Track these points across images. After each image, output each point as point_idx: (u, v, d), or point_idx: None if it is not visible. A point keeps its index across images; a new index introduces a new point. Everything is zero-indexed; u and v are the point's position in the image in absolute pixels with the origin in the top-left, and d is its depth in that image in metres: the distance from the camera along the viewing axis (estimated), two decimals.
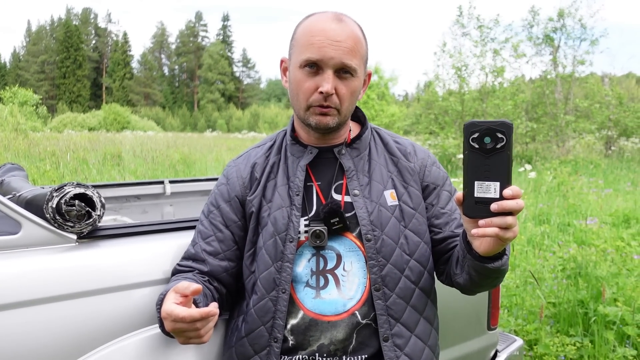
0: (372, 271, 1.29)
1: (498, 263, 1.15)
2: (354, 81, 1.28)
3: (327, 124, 1.29)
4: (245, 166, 1.43)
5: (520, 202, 1.01)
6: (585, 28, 16.43)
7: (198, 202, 3.13)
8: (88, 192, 1.32)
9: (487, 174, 1.02)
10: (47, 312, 1.22)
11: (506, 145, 1.01)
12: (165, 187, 2.94)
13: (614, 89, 17.33)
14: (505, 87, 16.26)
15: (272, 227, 1.32)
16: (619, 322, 3.23)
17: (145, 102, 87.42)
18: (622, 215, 6.45)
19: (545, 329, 3.44)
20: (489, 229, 1.02)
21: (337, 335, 1.29)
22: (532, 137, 16.63)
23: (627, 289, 3.63)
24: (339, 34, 1.24)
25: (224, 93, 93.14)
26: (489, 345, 1.98)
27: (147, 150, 13.09)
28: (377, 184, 1.35)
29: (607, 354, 3.06)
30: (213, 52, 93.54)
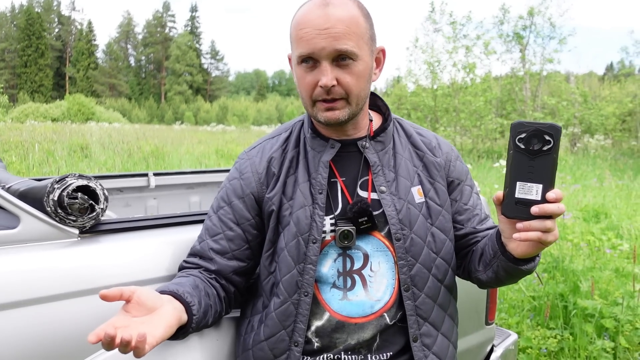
0: (402, 271, 1.25)
1: (531, 265, 1.14)
2: (357, 65, 1.18)
3: (337, 119, 1.20)
4: (260, 160, 1.32)
5: (561, 206, 1.00)
6: (554, 27, 16.79)
7: (183, 195, 3.05)
8: (91, 184, 1.25)
9: (531, 175, 1.01)
10: (48, 312, 1.15)
11: (553, 148, 0.99)
12: (149, 179, 2.85)
13: (580, 87, 17.77)
14: (476, 83, 16.49)
15: (294, 227, 1.25)
16: (597, 315, 3.30)
17: (111, 93, 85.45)
18: (592, 211, 6.61)
19: (527, 323, 3.50)
20: (531, 233, 1.00)
21: (364, 336, 1.25)
22: (501, 132, 16.93)
23: (602, 283, 3.71)
24: (325, 21, 1.14)
25: (191, 85, 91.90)
26: (486, 340, 1.98)
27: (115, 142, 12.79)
28: (404, 179, 1.29)
29: (587, 347, 3.12)
30: (181, 43, 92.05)
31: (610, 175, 10.15)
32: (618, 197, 7.71)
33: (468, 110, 15.73)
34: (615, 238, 5.35)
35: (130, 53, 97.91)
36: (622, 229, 5.70)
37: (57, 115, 39.12)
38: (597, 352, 3.06)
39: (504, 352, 2.03)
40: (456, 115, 16.13)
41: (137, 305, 0.98)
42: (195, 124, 58.07)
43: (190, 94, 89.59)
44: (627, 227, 5.71)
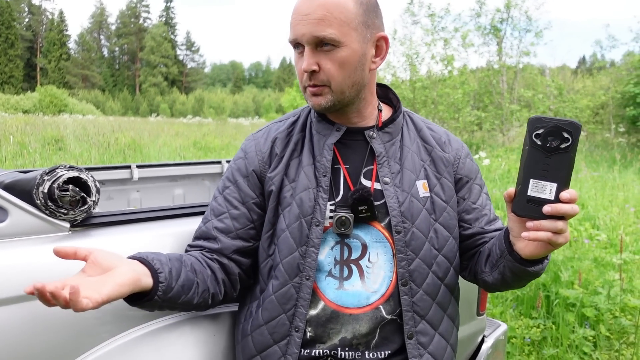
0: (400, 265, 1.22)
1: (539, 267, 1.11)
2: (339, 52, 1.15)
3: (319, 104, 1.20)
4: (265, 140, 1.32)
5: (575, 207, 0.96)
6: (530, 20, 16.98)
7: (166, 187, 3.00)
8: (82, 176, 1.20)
9: (546, 173, 0.97)
10: (39, 309, 1.11)
11: (571, 147, 0.96)
12: (132, 172, 2.79)
13: (555, 80, 18.04)
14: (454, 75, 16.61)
15: (297, 209, 1.23)
16: (578, 305, 3.35)
17: (84, 85, 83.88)
18: None
19: (510, 312, 3.54)
20: (541, 233, 0.98)
21: (360, 330, 1.23)
22: (478, 125, 17.10)
23: (581, 272, 3.77)
24: (307, 7, 1.15)
25: (167, 77, 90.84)
26: (477, 331, 1.99)
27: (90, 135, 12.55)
28: (409, 172, 1.27)
29: (569, 335, 3.17)
30: (155, 34, 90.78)
31: (585, 167, 10.35)
32: (594, 189, 7.84)
33: (446, 102, 15.85)
34: (592, 229, 5.45)
35: (103, 44, 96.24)
36: (599, 219, 5.81)
37: (28, 107, 38.28)
38: (578, 340, 3.11)
39: (495, 343, 2.04)
40: (434, 107, 16.24)
41: (92, 265, 0.98)
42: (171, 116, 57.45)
43: (165, 85, 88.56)
44: (603, 218, 5.82)
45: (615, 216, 5.86)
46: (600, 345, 3.16)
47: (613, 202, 6.86)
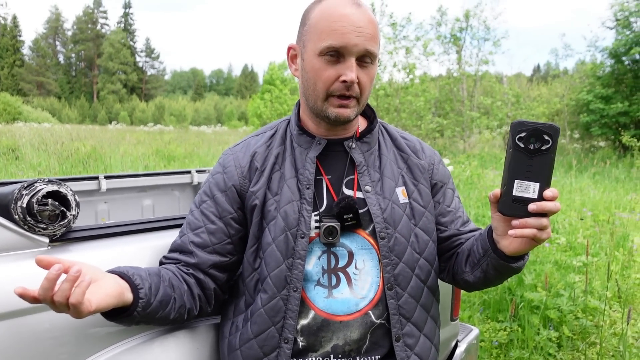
0: (386, 270, 1.26)
1: (521, 262, 1.16)
2: (373, 68, 1.23)
3: (347, 116, 1.23)
4: (244, 155, 1.33)
5: (557, 204, 1.02)
6: (489, 29, 17.46)
7: (135, 199, 2.95)
8: (62, 190, 1.18)
9: (529, 174, 1.02)
10: (17, 327, 1.08)
11: (551, 148, 1.01)
12: (100, 183, 2.73)
13: (512, 87, 18.56)
14: (416, 83, 16.89)
15: (282, 221, 1.24)
16: (542, 307, 3.45)
17: (39, 92, 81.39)
18: None
19: (477, 316, 3.61)
20: (527, 230, 1.03)
21: (351, 336, 1.25)
22: (439, 132, 17.43)
23: (544, 275, 3.89)
24: (361, 19, 1.18)
25: (126, 84, 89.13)
26: (451, 336, 2.03)
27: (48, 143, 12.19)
28: (389, 180, 1.31)
29: (534, 337, 3.25)
30: (114, 40, 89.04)
31: None
32: None
33: (408, 110, 16.09)
34: (552, 232, 5.62)
35: (59, 50, 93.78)
36: (558, 223, 5.99)
37: None
38: (543, 342, 3.20)
39: (468, 347, 2.08)
40: (397, 115, 16.47)
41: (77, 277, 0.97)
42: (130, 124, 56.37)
43: (124, 93, 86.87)
44: (562, 222, 6.01)
45: (574, 220, 6.06)
46: (564, 345, 3.26)
47: (571, 206, 7.10)
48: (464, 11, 17.69)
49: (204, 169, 3.19)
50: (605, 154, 15.33)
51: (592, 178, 10.48)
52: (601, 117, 16.57)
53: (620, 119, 16.08)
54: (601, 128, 16.78)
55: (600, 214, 6.45)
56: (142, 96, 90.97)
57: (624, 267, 4.47)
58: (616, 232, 5.31)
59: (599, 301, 3.55)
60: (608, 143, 17.74)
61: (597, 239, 5.21)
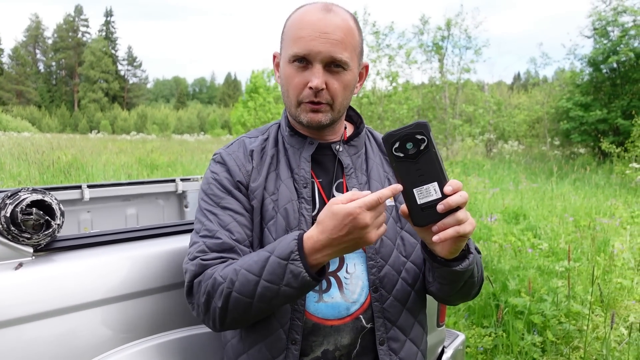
0: (371, 272, 1.25)
1: (465, 263, 1.14)
2: (346, 75, 1.21)
3: (319, 121, 1.23)
4: (243, 153, 1.32)
5: (464, 194, 1.01)
6: (470, 38, 17.68)
7: (119, 207, 2.92)
8: (46, 199, 1.17)
9: (422, 177, 1.00)
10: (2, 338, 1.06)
11: (429, 144, 0.99)
12: (83, 192, 2.70)
13: (494, 95, 18.80)
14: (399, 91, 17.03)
15: (283, 220, 1.22)
16: (527, 312, 3.48)
17: (18, 101, 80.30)
18: (512, 213, 6.98)
19: (462, 322, 3.63)
20: (448, 231, 1.01)
21: (341, 341, 1.24)
22: None
23: (527, 281, 3.92)
24: (327, 25, 1.17)
25: (107, 92, 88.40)
26: (438, 342, 2.03)
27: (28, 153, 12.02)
28: (376, 182, 1.32)
29: (518, 342, 3.28)
30: (95, 48, 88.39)
31: (525, 178, 10.78)
32: (533, 199, 8.19)
33: (392, 117, 16.19)
34: (534, 238, 5.68)
35: (39, 58, 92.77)
36: (540, 229, 6.06)
37: None
38: (527, 347, 3.22)
39: (454, 353, 2.09)
40: (381, 122, 16.57)
41: None
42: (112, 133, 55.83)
43: (106, 101, 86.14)
44: (544, 228, 6.08)
45: (556, 226, 6.13)
46: (548, 350, 3.28)
47: (552, 212, 7.18)
48: (446, 20, 17.90)
49: (189, 177, 3.17)
50: (585, 161, 15.56)
51: (573, 184, 10.63)
52: (581, 124, 16.83)
53: (599, 126, 16.35)
54: (581, 135, 17.04)
55: (581, 220, 6.54)
56: (124, 105, 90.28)
57: (605, 272, 4.53)
58: (597, 237, 5.39)
59: (582, 306, 3.59)
60: (588, 150, 18.02)
61: (578, 244, 5.27)
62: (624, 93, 16.65)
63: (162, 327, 1.33)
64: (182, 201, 3.14)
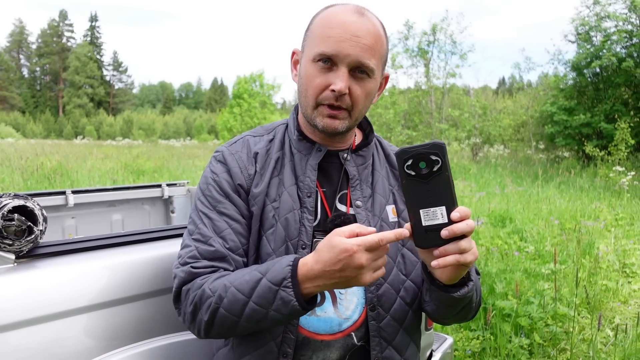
0: (369, 290, 1.20)
1: (464, 290, 1.09)
2: (370, 82, 1.16)
3: (335, 128, 1.17)
4: (247, 156, 1.25)
5: (470, 223, 0.96)
6: (455, 43, 17.82)
7: (104, 213, 2.89)
8: (29, 204, 1.15)
9: (431, 199, 0.96)
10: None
11: (443, 167, 0.95)
12: (67, 197, 2.67)
13: (479, 99, 18.96)
14: (385, 96, 17.10)
15: (283, 230, 1.18)
16: (514, 315, 3.49)
17: (2, 106, 79.43)
18: (498, 216, 7.01)
19: (451, 325, 3.64)
20: (448, 258, 0.97)
21: (330, 356, 1.20)
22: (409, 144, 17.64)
23: (514, 284, 3.94)
24: (359, 29, 1.12)
25: (92, 98, 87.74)
26: (426, 346, 2.03)
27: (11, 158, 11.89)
28: (380, 197, 1.26)
29: (506, 345, 3.29)
30: (80, 53, 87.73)
31: (511, 182, 10.87)
32: (519, 203, 8.25)
33: (378, 122, 16.26)
34: (520, 241, 5.72)
35: (23, 64, 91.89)
36: (526, 232, 6.10)
37: None
38: (515, 349, 3.23)
39: (442, 356, 2.09)
40: None
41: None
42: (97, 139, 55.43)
43: (91, 107, 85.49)
44: (530, 231, 6.12)
45: (541, 229, 6.18)
46: (535, 352, 3.30)
47: (538, 215, 7.24)
48: (431, 25, 18.03)
49: (175, 182, 3.15)
50: (570, 164, 15.74)
51: (558, 187, 10.73)
52: (565, 128, 17.02)
53: (583, 130, 16.55)
54: (565, 139, 17.23)
55: (566, 223, 6.59)
56: (110, 110, 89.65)
57: (591, 274, 4.57)
58: (582, 239, 5.43)
59: (568, 308, 3.62)
60: (572, 153, 18.22)
61: (564, 247, 5.32)
62: (606, 97, 16.88)
63: (148, 334, 1.31)
64: (169, 206, 3.12)
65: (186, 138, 57.29)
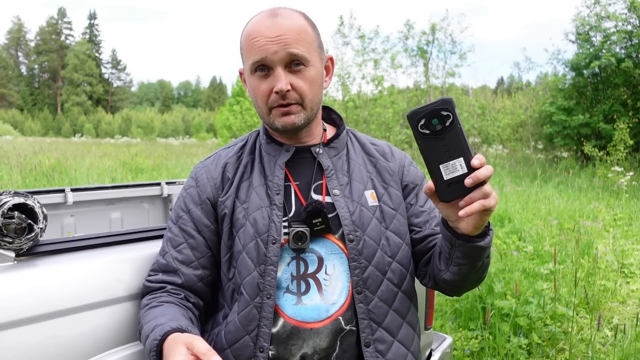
0: (354, 273, 1.24)
1: (488, 238, 1.13)
2: (309, 71, 1.22)
3: (293, 123, 1.23)
4: (215, 167, 1.33)
5: (489, 167, 1.00)
6: (455, 42, 17.83)
7: (103, 211, 2.88)
8: (29, 202, 1.14)
9: (448, 153, 1.00)
10: None
11: (454, 120, 0.99)
12: (66, 195, 2.66)
13: (478, 99, 18.96)
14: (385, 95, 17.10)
15: (251, 228, 1.23)
16: (513, 315, 3.50)
17: (0, 104, 79.35)
18: (497, 216, 7.02)
19: (449, 325, 3.64)
20: (474, 205, 1.00)
21: (320, 344, 1.22)
22: (408, 143, 17.64)
23: (512, 283, 3.95)
24: (277, 29, 1.19)
25: (91, 96, 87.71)
26: (425, 345, 2.03)
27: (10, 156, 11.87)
28: (358, 183, 1.31)
29: (504, 345, 3.29)
30: (79, 51, 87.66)
31: (509, 182, 10.87)
32: (518, 202, 8.26)
33: (377, 121, 16.26)
34: (519, 241, 5.73)
35: (21, 61, 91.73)
36: (525, 232, 6.10)
37: None
38: (513, 349, 3.23)
39: (442, 356, 2.09)
40: (366, 126, 16.62)
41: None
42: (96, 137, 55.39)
43: (89, 105, 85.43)
44: (528, 231, 6.13)
45: (540, 229, 6.18)
46: (534, 352, 3.30)
47: (537, 215, 7.24)
48: (431, 25, 18.03)
49: (174, 180, 3.15)
50: (568, 164, 15.74)
51: (556, 187, 10.74)
52: (563, 128, 17.02)
53: (582, 130, 16.55)
54: (564, 139, 17.23)
55: (565, 223, 6.60)
56: (108, 108, 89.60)
57: (589, 274, 4.58)
58: (581, 239, 5.44)
59: (567, 308, 3.62)
60: (570, 153, 18.23)
61: (562, 247, 5.32)
62: (605, 98, 16.88)
63: None
64: (168, 205, 3.11)
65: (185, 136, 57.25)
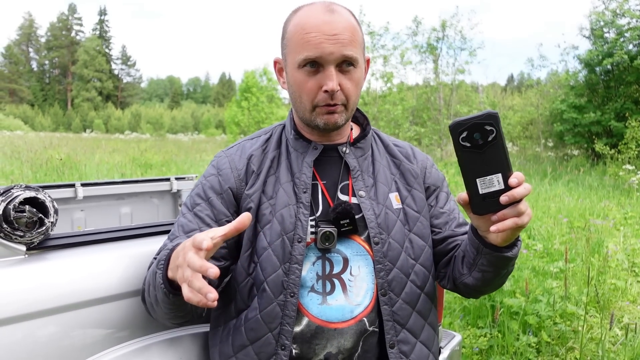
0: (379, 275, 1.25)
1: (515, 249, 1.13)
2: (356, 72, 1.22)
3: (335, 123, 1.23)
4: (240, 157, 1.31)
5: (527, 186, 1.00)
6: (465, 39, 17.72)
7: (113, 206, 2.90)
8: (40, 196, 1.15)
9: (487, 168, 0.99)
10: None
11: (497, 135, 0.97)
12: (76, 190, 2.68)
13: (489, 96, 18.84)
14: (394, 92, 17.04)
15: (278, 225, 1.22)
16: (522, 313, 3.48)
17: (11, 99, 79.96)
18: None
19: (458, 323, 3.63)
20: (507, 222, 1.00)
21: (344, 344, 1.22)
22: (417, 140, 17.60)
23: (522, 281, 3.93)
24: (334, 27, 1.17)
25: (101, 91, 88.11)
26: None
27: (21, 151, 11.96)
28: (383, 185, 1.31)
29: (513, 343, 3.28)
30: (89, 47, 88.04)
31: None
32: (528, 200, 8.20)
33: (386, 118, 16.21)
34: (528, 239, 5.69)
35: (32, 57, 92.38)
36: (534, 230, 6.06)
37: None
38: (522, 347, 3.22)
39: (451, 353, 2.08)
40: (375, 123, 16.58)
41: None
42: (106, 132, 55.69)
43: (99, 100, 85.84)
44: (538, 229, 6.09)
45: (550, 227, 6.14)
46: (543, 351, 3.28)
47: (547, 213, 7.20)
48: (441, 21, 17.94)
49: (183, 176, 3.15)
50: (579, 162, 15.61)
51: (567, 185, 10.66)
52: (574, 126, 16.89)
53: (593, 128, 16.41)
54: (574, 137, 17.10)
55: (575, 221, 6.55)
56: (118, 104, 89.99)
57: (600, 273, 4.54)
58: (591, 238, 5.39)
59: (577, 306, 3.60)
60: (581, 151, 18.08)
61: (573, 245, 5.28)
62: (617, 95, 16.72)
63: (156, 327, 1.31)
64: (177, 200, 3.12)
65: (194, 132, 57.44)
